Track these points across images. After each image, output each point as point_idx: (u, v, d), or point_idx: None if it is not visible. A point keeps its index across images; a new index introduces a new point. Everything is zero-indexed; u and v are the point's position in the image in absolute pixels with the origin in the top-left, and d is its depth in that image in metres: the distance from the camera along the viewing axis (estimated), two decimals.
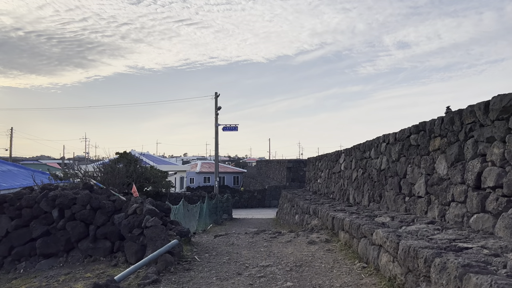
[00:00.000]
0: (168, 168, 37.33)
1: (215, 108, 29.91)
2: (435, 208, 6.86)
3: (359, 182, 12.09)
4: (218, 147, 29.94)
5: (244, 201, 33.49)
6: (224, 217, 22.50)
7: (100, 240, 6.96)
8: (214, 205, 22.36)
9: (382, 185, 9.98)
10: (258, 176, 48.97)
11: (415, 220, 6.72)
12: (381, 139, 10.40)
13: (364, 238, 6.10)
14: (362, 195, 11.67)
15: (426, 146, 7.53)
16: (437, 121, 7.11)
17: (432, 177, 7.13)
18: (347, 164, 14.06)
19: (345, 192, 13.81)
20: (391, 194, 9.13)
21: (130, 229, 6.47)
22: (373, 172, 10.73)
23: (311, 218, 11.47)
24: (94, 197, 7.20)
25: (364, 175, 11.73)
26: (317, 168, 19.94)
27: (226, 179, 59.15)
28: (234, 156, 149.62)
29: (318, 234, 8.55)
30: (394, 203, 8.88)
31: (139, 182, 22.76)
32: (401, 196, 8.58)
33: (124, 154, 22.84)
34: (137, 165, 23.35)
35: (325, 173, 17.97)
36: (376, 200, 10.27)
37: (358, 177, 12.36)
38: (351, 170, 13.28)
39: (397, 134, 9.15)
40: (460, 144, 6.26)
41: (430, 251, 3.86)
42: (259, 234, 9.32)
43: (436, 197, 6.90)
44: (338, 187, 15.04)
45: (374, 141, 10.99)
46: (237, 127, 30.00)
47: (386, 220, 7.01)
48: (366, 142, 11.87)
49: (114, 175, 19.41)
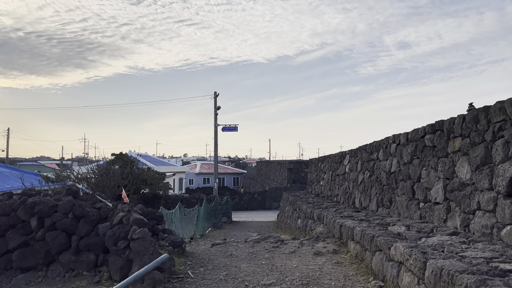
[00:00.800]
0: (166, 170, 36.64)
1: (214, 108, 29.20)
2: (457, 216, 6.15)
3: (366, 185, 11.38)
4: (217, 148, 29.25)
5: (244, 203, 32.75)
6: (224, 220, 21.80)
7: (83, 253, 6.25)
8: (213, 208, 21.65)
9: (392, 189, 9.27)
10: (258, 177, 48.26)
11: (435, 230, 6.01)
12: (390, 139, 9.69)
13: (379, 252, 5.39)
14: (369, 199, 10.96)
15: (444, 147, 6.82)
16: (458, 119, 6.40)
17: (452, 182, 6.42)
18: (352, 166, 13.35)
19: (351, 195, 13.09)
20: (403, 199, 8.41)
21: (115, 241, 5.77)
22: (382, 175, 10.02)
23: (315, 224, 10.76)
24: (77, 204, 6.49)
25: (371, 178, 11.02)
26: (320, 170, 19.24)
27: (226, 180, 58.45)
28: (234, 157, 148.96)
29: (325, 244, 7.84)
30: (406, 209, 8.17)
31: (136, 184, 22.06)
32: (414, 201, 7.87)
33: (120, 155, 22.13)
34: (134, 166, 22.65)
35: (328, 175, 17.26)
36: (385, 205, 9.55)
37: (364, 179, 11.65)
38: (357, 172, 12.57)
39: (409, 134, 8.44)
40: (486, 145, 5.55)
41: (471, 277, 3.15)
42: (260, 242, 8.60)
43: (457, 204, 6.19)
44: (342, 190, 14.33)
45: (383, 141, 10.28)
46: (237, 127, 29.30)
47: (401, 230, 6.30)
48: (374, 143, 11.16)
49: (108, 177, 18.71)
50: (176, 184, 39.46)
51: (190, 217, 14.64)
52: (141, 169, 22.63)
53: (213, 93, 29.50)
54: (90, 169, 18.06)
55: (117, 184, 18.45)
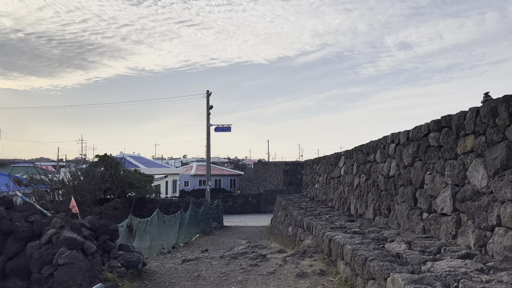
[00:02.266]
0: (158, 171, 35.50)
1: (207, 107, 28.04)
2: (469, 232, 4.99)
3: (362, 190, 10.22)
4: (210, 149, 28.09)
5: (238, 207, 31.53)
6: (214, 226, 20.61)
7: (10, 278, 5.09)
8: (203, 213, 20.47)
9: (391, 196, 8.11)
10: (255, 179, 47.07)
11: (443, 250, 4.85)
12: (388, 139, 8.53)
13: (373, 282, 4.24)
14: (365, 206, 9.80)
15: (453, 147, 5.67)
16: (470, 114, 5.24)
17: (463, 190, 5.27)
18: (347, 168, 12.20)
19: (346, 200, 11.94)
20: (403, 208, 7.25)
21: (41, 265, 4.62)
22: (379, 179, 8.86)
23: (305, 234, 9.60)
24: (7, 217, 5.32)
25: (368, 182, 9.86)
26: (315, 172, 18.08)
27: (222, 182, 57.29)
28: (233, 158, 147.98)
29: (311, 261, 6.68)
30: (407, 220, 7.01)
31: (121, 187, 20.90)
32: (416, 211, 6.71)
33: (104, 157, 20.96)
34: (120, 168, 21.50)
35: (323, 177, 16.11)
36: (383, 213, 8.39)
37: (360, 184, 10.49)
38: (353, 176, 11.41)
39: (410, 132, 7.28)
40: (509, 144, 4.39)
41: None
42: (237, 258, 7.44)
43: (470, 217, 5.03)
44: (337, 194, 13.17)
45: (380, 141, 9.13)
46: (230, 128, 28.12)
47: (401, 249, 5.14)
48: (370, 142, 10.01)
49: (88, 180, 17.55)
50: (169, 187, 38.30)
51: (171, 224, 13.47)
52: (127, 171, 21.48)
53: (206, 91, 28.36)
54: (68, 172, 16.89)
55: (98, 188, 17.28)
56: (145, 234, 10.22)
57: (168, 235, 13.79)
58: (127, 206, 21.20)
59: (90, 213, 16.26)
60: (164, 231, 12.68)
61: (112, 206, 18.85)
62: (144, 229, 10.25)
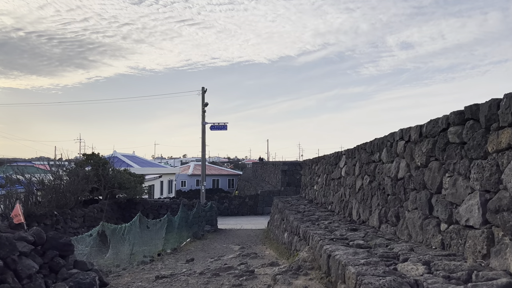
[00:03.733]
0: (154, 171, 34.43)
1: (202, 104, 26.93)
2: (508, 253, 3.88)
3: (366, 194, 9.12)
4: (205, 148, 26.99)
5: (234, 208, 30.37)
6: (207, 229, 19.50)
7: None
8: (195, 215, 19.37)
9: (399, 201, 7.01)
10: (253, 179, 45.96)
11: (474, 276, 3.74)
12: (397, 135, 7.42)
13: None
14: (369, 211, 8.70)
15: (480, 144, 4.57)
16: (506, 101, 4.14)
17: (498, 197, 4.16)
18: (349, 169, 11.09)
19: (347, 204, 10.84)
20: (415, 217, 6.15)
21: None
22: (386, 181, 7.76)
23: (301, 243, 8.50)
24: None
25: (372, 184, 8.76)
26: (314, 173, 16.98)
27: (220, 182, 56.23)
28: (233, 158, 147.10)
29: (306, 280, 5.58)
30: (421, 231, 5.90)
31: (109, 188, 19.79)
32: (432, 221, 5.61)
33: (91, 156, 19.86)
34: (109, 168, 20.40)
35: (322, 178, 15.01)
36: (390, 221, 7.29)
37: (363, 186, 9.39)
38: (355, 177, 10.31)
39: (423, 127, 6.18)
40: None
41: None
42: (219, 275, 6.33)
43: (508, 232, 3.93)
44: (337, 197, 12.07)
45: (387, 138, 8.03)
46: (226, 126, 27.01)
47: (418, 272, 4.04)
48: (375, 140, 8.90)
49: (71, 181, 16.44)
50: (165, 187, 37.21)
51: (156, 230, 12.38)
52: (116, 171, 20.39)
53: (201, 88, 27.26)
54: (53, 172, 15.79)
55: (82, 189, 16.19)
56: (123, 241, 9.12)
57: (154, 240, 12.70)
58: (116, 208, 20.13)
59: (72, 216, 15.18)
60: (148, 237, 11.60)
61: (98, 208, 17.76)
62: (122, 236, 9.15)
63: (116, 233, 8.93)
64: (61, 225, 14.18)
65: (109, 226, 8.81)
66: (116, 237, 8.89)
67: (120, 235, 9.13)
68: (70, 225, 14.84)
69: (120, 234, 9.12)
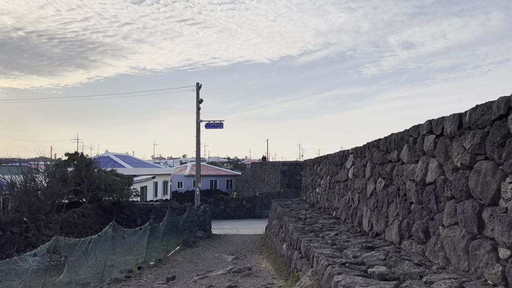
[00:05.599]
0: (147, 171, 32.92)
1: (196, 101, 25.37)
2: None
3: (380, 200, 7.59)
4: (199, 147, 25.41)
5: (230, 211, 28.75)
6: (199, 235, 17.93)
7: None
8: (187, 219, 17.83)
9: (429, 212, 5.47)
10: (252, 180, 44.40)
11: None
12: (423, 128, 5.89)
13: None
14: (385, 221, 7.16)
15: None
16: None
17: None
18: (357, 171, 9.57)
19: (355, 211, 9.31)
20: (456, 235, 4.61)
21: None
22: (408, 186, 6.23)
23: (302, 262, 6.96)
24: None
25: (388, 189, 7.23)
26: (316, 174, 15.46)
27: (218, 182, 54.70)
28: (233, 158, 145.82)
29: None
30: (465, 255, 4.36)
31: (93, 190, 18.25)
32: (485, 243, 4.07)
33: (74, 156, 18.31)
34: (93, 168, 18.86)
35: (325, 180, 13.48)
36: (416, 237, 5.74)
37: (377, 191, 7.86)
38: (365, 180, 8.77)
39: (466, 115, 4.64)
40: None
41: None
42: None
43: None
44: (344, 202, 10.54)
45: (409, 133, 6.49)
46: (222, 124, 25.45)
47: None
48: (392, 136, 7.37)
49: (50, 182, 14.91)
50: (159, 188, 35.66)
51: (135, 240, 10.85)
52: (101, 172, 18.85)
53: (195, 84, 25.72)
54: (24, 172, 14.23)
55: (59, 191, 14.64)
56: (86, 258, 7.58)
57: (138, 248, 11.16)
58: (101, 212, 18.57)
59: (47, 223, 13.63)
60: (126, 248, 10.04)
61: (80, 212, 16.21)
62: (85, 250, 7.59)
63: (77, 248, 7.39)
64: (32, 233, 12.64)
65: (66, 240, 7.27)
66: (75, 253, 7.34)
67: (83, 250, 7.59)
68: (44, 233, 13.29)
69: (83, 249, 7.58)
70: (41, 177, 14.60)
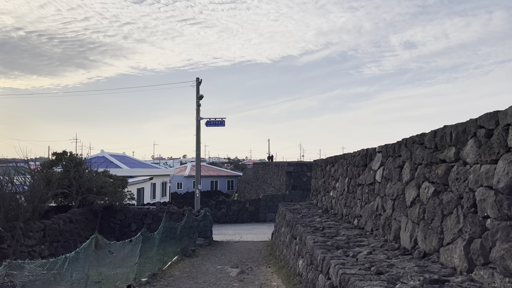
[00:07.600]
0: (144, 172, 31.32)
1: (196, 97, 23.76)
2: None
3: (429, 210, 5.98)
4: (199, 147, 23.80)
5: (233, 215, 27.10)
6: (199, 243, 16.33)
7: None
8: (185, 225, 16.24)
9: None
10: (254, 181, 42.77)
11: None
12: (508, 116, 4.29)
13: None
14: (438, 238, 5.56)
15: None
16: None
17: None
18: (389, 173, 7.96)
19: (388, 222, 7.71)
20: None
21: None
22: (482, 194, 4.63)
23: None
24: None
25: (442, 196, 5.63)
26: (329, 175, 13.86)
27: (219, 183, 53.12)
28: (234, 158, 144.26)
29: None
30: None
31: (83, 193, 16.64)
32: None
33: (62, 155, 16.71)
34: (83, 169, 17.26)
35: (342, 183, 11.88)
36: (500, 266, 4.14)
37: (422, 198, 6.26)
38: (402, 184, 7.17)
39: None
40: None
41: None
42: None
43: None
44: (370, 209, 8.94)
45: (479, 122, 4.89)
46: (224, 122, 23.82)
47: None
48: (446, 129, 5.77)
49: (32, 185, 13.32)
50: (157, 190, 34.06)
51: (126, 253, 9.26)
52: (92, 173, 17.24)
53: (195, 79, 24.12)
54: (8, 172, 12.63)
55: (41, 196, 13.04)
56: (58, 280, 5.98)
57: (124, 263, 9.56)
58: (92, 218, 16.95)
59: (26, 231, 12.01)
60: (114, 263, 8.44)
61: (66, 218, 14.60)
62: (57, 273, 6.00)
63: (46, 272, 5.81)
64: (7, 244, 11.04)
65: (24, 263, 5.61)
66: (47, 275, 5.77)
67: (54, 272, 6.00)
68: (23, 243, 11.70)
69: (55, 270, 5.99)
70: (21, 179, 13.01)
